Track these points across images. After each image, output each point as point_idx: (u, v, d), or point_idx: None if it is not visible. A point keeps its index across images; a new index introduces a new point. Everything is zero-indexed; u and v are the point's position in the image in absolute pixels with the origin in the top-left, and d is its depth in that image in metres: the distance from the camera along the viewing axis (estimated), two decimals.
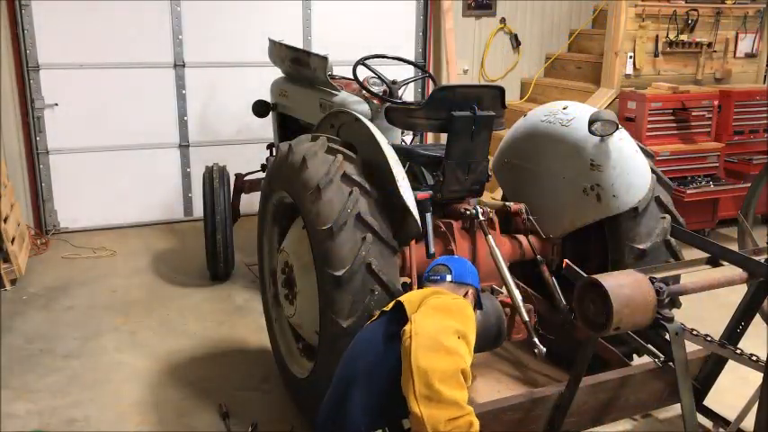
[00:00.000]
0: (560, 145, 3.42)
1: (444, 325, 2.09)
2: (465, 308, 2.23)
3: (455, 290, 2.47)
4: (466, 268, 2.57)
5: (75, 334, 4.26)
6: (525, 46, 7.51)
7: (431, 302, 2.20)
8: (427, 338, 2.02)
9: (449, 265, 2.55)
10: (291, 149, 3.11)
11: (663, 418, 3.43)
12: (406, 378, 1.99)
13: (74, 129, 5.98)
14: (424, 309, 2.17)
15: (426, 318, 2.10)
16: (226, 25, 6.26)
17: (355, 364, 2.24)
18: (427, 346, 2.00)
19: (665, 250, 3.35)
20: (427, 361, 1.97)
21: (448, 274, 2.50)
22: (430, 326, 2.07)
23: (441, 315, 2.14)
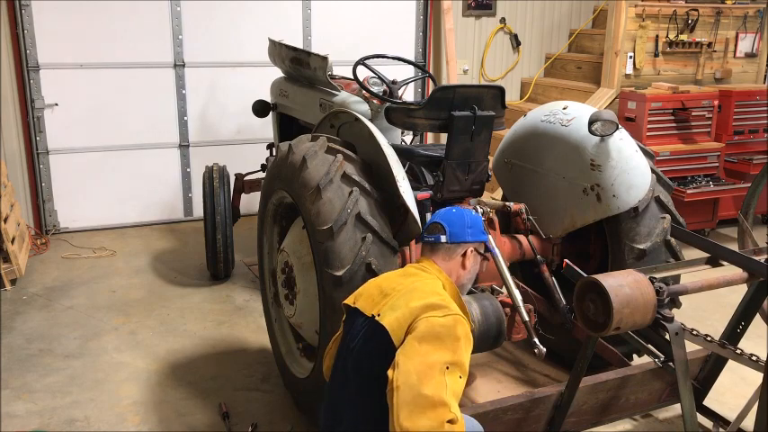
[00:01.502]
0: (560, 145, 3.42)
1: (430, 363, 1.96)
2: (455, 326, 2.05)
3: (451, 253, 2.37)
4: (463, 223, 2.41)
5: (75, 334, 4.26)
6: (525, 46, 7.51)
7: (418, 331, 2.02)
8: (409, 392, 1.91)
9: (443, 223, 2.40)
10: (291, 149, 3.11)
11: (663, 418, 3.43)
12: (392, 429, 1.94)
13: (74, 129, 5.99)
14: (408, 343, 2.01)
15: (410, 360, 1.97)
16: (226, 25, 6.26)
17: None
18: (409, 401, 1.91)
19: (665, 250, 3.35)
20: (409, 422, 1.89)
21: (442, 235, 2.38)
22: (413, 372, 1.94)
23: (426, 348, 1.99)
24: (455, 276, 2.38)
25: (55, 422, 3.35)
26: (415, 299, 2.12)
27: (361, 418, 2.12)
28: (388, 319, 2.10)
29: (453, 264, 2.38)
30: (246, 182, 5.31)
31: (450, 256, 2.38)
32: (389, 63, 4.56)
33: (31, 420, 3.36)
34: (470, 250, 2.40)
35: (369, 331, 2.16)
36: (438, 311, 2.06)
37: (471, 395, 3.54)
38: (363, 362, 2.15)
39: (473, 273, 2.45)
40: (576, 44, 7.56)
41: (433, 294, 2.15)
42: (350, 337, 2.23)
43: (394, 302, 2.15)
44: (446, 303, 2.11)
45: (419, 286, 2.21)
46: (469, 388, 3.61)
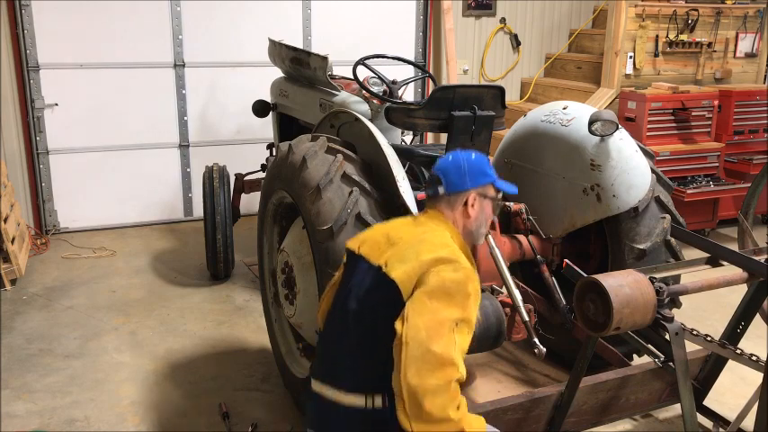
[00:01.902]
0: (560, 145, 3.42)
1: (440, 320, 1.94)
2: (467, 282, 2.01)
3: (452, 203, 2.27)
4: (460, 170, 2.28)
5: (75, 334, 4.26)
6: (525, 46, 7.51)
7: (428, 285, 1.98)
8: (418, 348, 1.89)
9: (440, 173, 2.29)
10: (291, 149, 3.11)
11: (663, 418, 3.43)
12: (396, 383, 1.93)
13: (74, 129, 5.99)
14: (418, 298, 1.97)
15: (420, 316, 1.94)
16: (226, 25, 6.26)
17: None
18: (418, 358, 1.89)
19: (665, 250, 3.35)
20: (417, 379, 1.87)
21: (439, 186, 2.27)
22: (422, 328, 1.91)
23: (437, 305, 1.96)
24: (461, 225, 2.29)
25: (55, 422, 3.35)
26: (425, 251, 2.06)
27: (362, 370, 2.07)
28: (397, 272, 2.05)
29: (456, 214, 2.29)
30: (246, 182, 5.31)
31: (453, 207, 2.28)
32: (389, 63, 4.56)
33: (31, 420, 3.36)
34: (472, 197, 2.28)
35: (374, 282, 2.11)
36: (449, 266, 2.02)
37: (471, 395, 3.54)
38: (366, 313, 2.10)
39: (482, 219, 2.33)
40: (576, 44, 7.56)
41: (444, 247, 2.09)
42: (352, 285, 2.17)
43: (403, 254, 2.09)
44: (456, 257, 2.06)
45: (428, 237, 2.15)
46: (470, 388, 3.61)
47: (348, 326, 2.13)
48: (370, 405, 2.02)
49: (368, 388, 2.03)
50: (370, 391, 2.03)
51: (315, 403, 2.18)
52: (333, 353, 2.19)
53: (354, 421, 2.05)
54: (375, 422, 2.02)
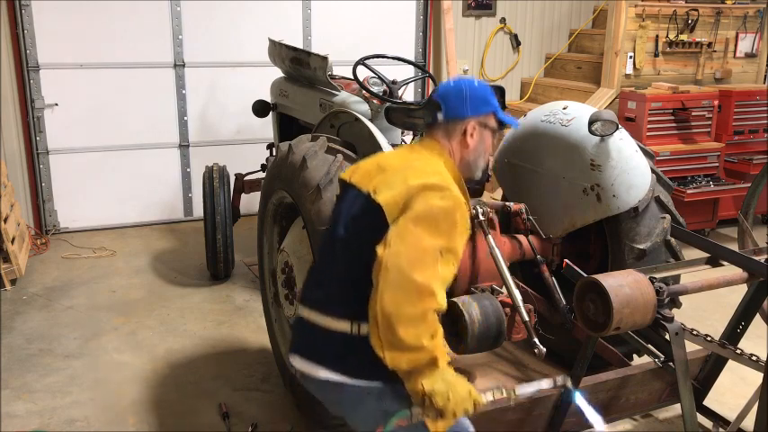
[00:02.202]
0: (560, 145, 3.42)
1: (423, 248, 1.86)
2: (454, 210, 1.94)
3: (450, 132, 2.18)
4: (461, 96, 2.19)
5: (75, 334, 4.26)
6: (525, 46, 7.51)
7: (414, 211, 1.90)
8: (398, 274, 1.82)
9: (440, 99, 2.20)
10: (291, 149, 3.11)
11: (663, 418, 3.43)
12: (372, 308, 1.86)
13: (74, 129, 5.99)
14: (403, 223, 1.90)
15: (402, 241, 1.86)
16: (226, 25, 6.26)
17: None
18: (396, 284, 1.82)
19: (665, 250, 3.35)
20: (393, 306, 1.81)
21: (438, 113, 2.18)
22: (404, 254, 1.84)
23: (421, 231, 1.88)
24: (458, 156, 2.21)
25: (55, 422, 3.35)
26: (413, 176, 2.00)
27: (349, 297, 2.02)
28: (383, 196, 1.99)
29: (454, 143, 2.21)
30: (246, 182, 5.31)
31: (450, 135, 2.20)
32: (389, 63, 4.55)
33: (31, 420, 3.36)
34: (472, 126, 2.19)
35: (362, 208, 2.07)
36: (437, 192, 1.94)
37: None
38: (353, 239, 2.07)
39: (481, 150, 2.25)
40: (576, 44, 7.56)
41: (434, 174, 2.02)
42: (341, 213, 2.15)
43: (391, 179, 2.03)
44: (446, 184, 1.99)
45: (419, 164, 2.09)
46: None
47: (336, 253, 2.11)
48: (356, 331, 1.99)
49: (354, 315, 1.99)
50: (356, 318, 1.99)
51: (301, 328, 2.16)
52: (321, 280, 2.15)
53: (339, 346, 2.02)
54: (359, 348, 1.96)
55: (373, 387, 2.00)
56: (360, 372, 2.00)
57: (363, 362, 1.96)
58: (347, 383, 2.00)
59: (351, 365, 2.00)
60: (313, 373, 2.05)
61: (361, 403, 2.02)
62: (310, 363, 2.06)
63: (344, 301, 2.03)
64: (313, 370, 2.05)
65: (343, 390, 2.02)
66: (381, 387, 2.00)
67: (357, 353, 1.98)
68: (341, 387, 2.02)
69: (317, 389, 2.10)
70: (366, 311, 1.91)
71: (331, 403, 2.14)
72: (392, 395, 2.00)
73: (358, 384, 2.00)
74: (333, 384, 2.02)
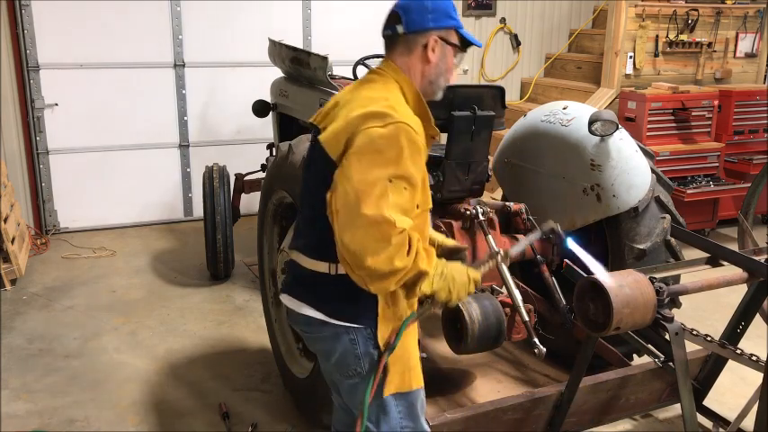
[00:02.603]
0: (560, 145, 3.42)
1: (370, 181, 1.82)
2: (398, 135, 1.86)
3: (410, 46, 2.06)
4: (423, 8, 2.04)
5: (75, 334, 4.26)
6: (525, 46, 7.51)
7: (356, 146, 1.86)
8: (348, 214, 1.82)
9: (400, 11, 2.06)
10: (291, 149, 3.11)
11: (663, 418, 3.43)
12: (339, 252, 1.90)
13: (74, 129, 5.99)
14: (347, 161, 1.87)
15: (347, 181, 1.84)
16: (226, 25, 6.26)
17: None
18: (350, 223, 1.82)
19: (665, 250, 3.35)
20: (354, 244, 1.82)
21: (398, 25, 2.05)
22: (351, 192, 1.82)
23: (366, 164, 1.84)
24: (418, 73, 2.08)
25: (55, 422, 3.35)
26: (355, 108, 1.94)
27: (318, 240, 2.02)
28: (324, 134, 1.96)
29: (413, 59, 2.07)
30: (246, 182, 5.31)
31: (410, 50, 2.07)
32: None
33: (31, 420, 3.36)
34: (434, 39, 2.05)
35: (313, 149, 2.07)
36: (378, 121, 1.87)
37: (471, 395, 3.54)
38: (311, 182, 2.06)
39: (442, 68, 2.11)
40: (575, 44, 7.56)
41: (375, 102, 1.94)
42: (306, 158, 2.18)
43: (337, 113, 1.99)
44: (388, 110, 1.90)
45: (366, 93, 2.01)
46: (470, 388, 3.61)
47: (303, 198, 2.16)
48: (334, 271, 2.02)
49: (329, 256, 2.00)
50: (331, 260, 2.00)
51: (290, 269, 2.21)
52: (300, 224, 2.20)
53: (321, 286, 2.07)
54: (339, 288, 2.02)
55: (350, 327, 2.04)
56: (339, 311, 2.04)
57: (342, 301, 2.03)
58: (327, 321, 2.05)
59: (331, 305, 2.05)
60: (297, 309, 2.11)
61: (338, 341, 2.06)
62: (296, 300, 2.12)
63: (318, 245, 2.04)
64: (298, 306, 2.11)
65: (323, 327, 2.07)
66: (358, 328, 2.04)
67: (337, 293, 2.03)
68: (321, 324, 2.07)
69: (300, 324, 2.15)
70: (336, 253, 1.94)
71: (311, 340, 2.19)
72: (366, 338, 2.05)
73: (336, 323, 2.04)
74: (314, 321, 2.07)
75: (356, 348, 2.05)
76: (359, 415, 2.04)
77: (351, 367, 2.07)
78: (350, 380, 2.10)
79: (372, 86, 2.06)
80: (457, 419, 2.76)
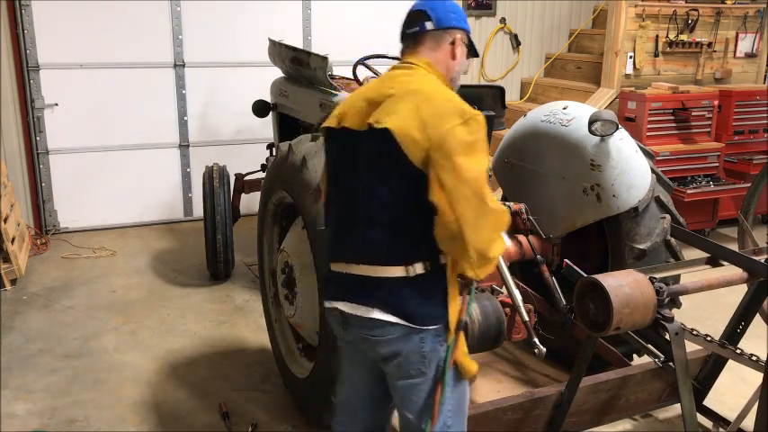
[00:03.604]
0: (560, 145, 3.42)
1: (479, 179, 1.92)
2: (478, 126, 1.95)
3: (438, 41, 2.13)
4: (446, 7, 2.16)
5: (75, 334, 4.26)
6: (525, 46, 7.51)
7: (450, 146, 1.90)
8: (475, 215, 1.91)
9: (426, 8, 2.15)
10: (291, 149, 3.11)
11: (663, 418, 3.43)
12: (458, 251, 1.94)
13: (74, 129, 5.99)
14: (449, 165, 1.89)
15: (462, 184, 1.90)
16: (226, 25, 6.26)
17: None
18: (478, 224, 1.91)
19: (665, 250, 3.35)
20: (483, 242, 1.92)
21: (427, 22, 2.13)
22: (471, 196, 1.90)
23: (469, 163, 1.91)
24: (445, 68, 2.16)
25: (55, 422, 3.35)
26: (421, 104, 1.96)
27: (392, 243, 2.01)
28: (389, 121, 1.94)
29: (442, 54, 2.15)
30: (246, 182, 5.31)
31: (438, 45, 2.14)
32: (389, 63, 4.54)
33: (31, 420, 3.36)
34: (459, 36, 2.16)
35: (371, 145, 2.00)
36: (457, 118, 1.94)
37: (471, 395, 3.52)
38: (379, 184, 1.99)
39: (463, 66, 2.22)
40: (576, 44, 7.56)
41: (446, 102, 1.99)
42: (344, 162, 2.09)
43: (392, 107, 1.98)
44: (458, 104, 1.98)
45: (418, 87, 2.02)
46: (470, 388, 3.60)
47: (358, 202, 2.05)
48: (412, 273, 2.00)
49: (407, 259, 1.99)
50: (409, 262, 1.99)
51: (343, 280, 2.11)
52: (355, 232, 2.08)
53: (395, 288, 2.01)
54: (418, 288, 2.01)
55: (422, 329, 2.02)
56: (414, 313, 2.01)
57: (417, 302, 2.01)
58: (398, 323, 2.01)
59: (405, 307, 2.01)
60: (366, 314, 2.04)
61: (408, 342, 2.03)
62: (361, 306, 2.05)
63: (393, 249, 2.01)
64: (366, 312, 2.04)
65: (393, 329, 2.02)
66: (429, 330, 2.03)
67: (411, 294, 2.01)
68: (390, 326, 2.02)
69: (365, 329, 2.07)
70: (415, 253, 1.98)
71: (375, 343, 2.07)
72: (435, 336, 2.04)
73: (407, 324, 2.01)
74: (384, 324, 2.02)
75: (423, 347, 2.04)
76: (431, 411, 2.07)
77: (414, 366, 2.05)
78: (408, 380, 2.08)
79: (417, 80, 2.06)
80: None
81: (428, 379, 2.07)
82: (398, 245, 2.00)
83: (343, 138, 2.09)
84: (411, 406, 2.11)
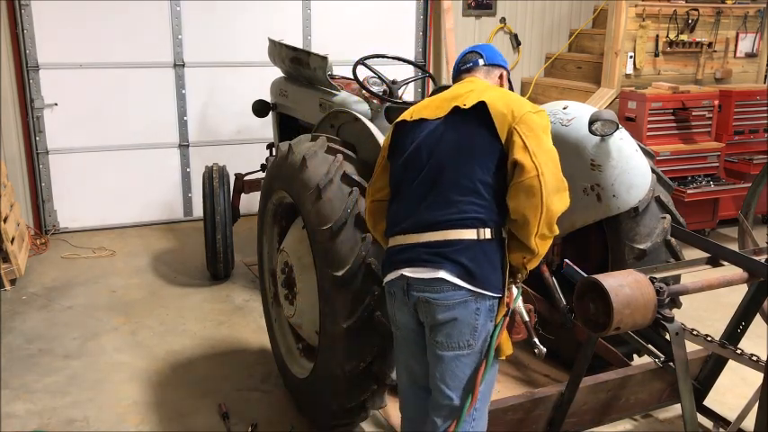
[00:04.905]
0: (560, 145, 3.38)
1: (552, 153, 2.21)
2: (546, 117, 2.30)
3: (489, 73, 2.55)
4: (494, 51, 2.62)
5: (74, 334, 4.26)
6: (525, 46, 7.51)
7: (530, 126, 2.20)
8: (553, 179, 2.15)
9: (478, 50, 2.59)
10: (291, 149, 3.11)
11: (663, 418, 3.42)
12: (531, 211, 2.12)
13: (74, 129, 5.99)
14: (532, 135, 2.18)
15: (544, 153, 2.17)
16: (226, 25, 6.26)
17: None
18: (555, 188, 2.14)
19: (666, 250, 3.35)
20: (557, 206, 2.14)
21: (480, 59, 2.55)
22: (549, 162, 2.16)
23: (546, 140, 2.21)
24: None
25: (55, 422, 3.35)
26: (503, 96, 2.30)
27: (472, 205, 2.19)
28: (482, 96, 2.27)
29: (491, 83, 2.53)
30: (246, 182, 5.31)
31: (488, 77, 2.54)
32: (389, 63, 4.55)
33: (31, 420, 3.36)
34: (504, 74, 2.59)
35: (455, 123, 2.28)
36: (531, 107, 2.28)
37: None
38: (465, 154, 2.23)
39: None
40: (576, 44, 7.56)
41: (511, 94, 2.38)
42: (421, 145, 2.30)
43: (477, 95, 2.29)
44: (526, 100, 2.32)
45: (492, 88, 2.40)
46: None
47: (436, 178, 2.24)
48: (483, 236, 2.19)
49: (478, 223, 2.19)
50: (483, 225, 2.19)
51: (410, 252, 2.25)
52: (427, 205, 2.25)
53: (463, 250, 2.17)
54: (485, 251, 2.20)
55: (481, 295, 2.19)
56: (477, 273, 2.17)
57: (483, 267, 2.18)
58: (461, 286, 2.16)
59: (470, 270, 2.16)
60: (430, 275, 2.18)
61: (464, 309, 2.18)
62: (426, 268, 2.19)
63: (469, 215, 2.19)
64: (431, 272, 2.18)
65: (455, 293, 2.17)
66: (485, 298, 2.20)
67: (478, 258, 2.18)
68: (453, 289, 2.17)
69: (427, 291, 2.20)
70: (491, 217, 2.19)
71: (434, 307, 2.20)
72: (488, 311, 2.22)
73: (471, 288, 2.17)
74: (447, 285, 2.17)
75: (477, 320, 2.19)
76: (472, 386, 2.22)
77: (464, 337, 2.20)
78: (456, 351, 2.21)
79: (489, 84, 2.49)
80: None
81: (474, 352, 2.21)
82: (475, 211, 2.19)
83: (419, 127, 2.34)
84: (452, 380, 2.22)
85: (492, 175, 2.20)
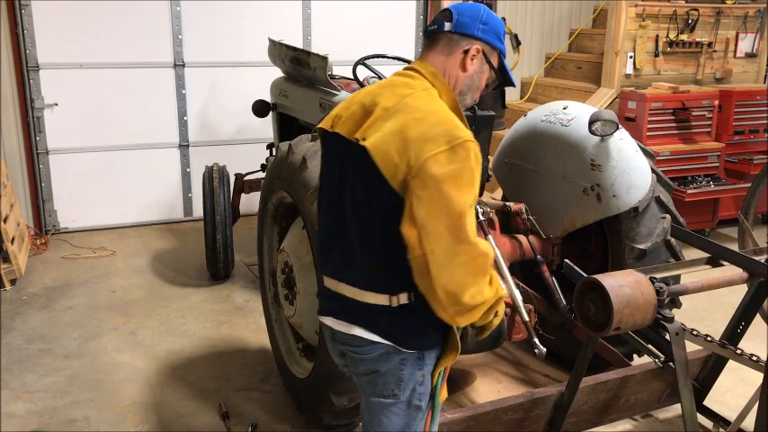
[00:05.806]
0: (560, 145, 3.42)
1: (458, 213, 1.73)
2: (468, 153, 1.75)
3: (451, 48, 1.95)
4: (477, 16, 1.96)
5: (74, 334, 4.26)
6: (525, 46, 7.51)
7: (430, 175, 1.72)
8: (446, 253, 1.73)
9: (454, 10, 1.97)
10: (291, 149, 3.11)
11: (663, 418, 3.42)
12: (428, 290, 1.78)
13: (74, 129, 5.99)
14: (425, 195, 1.73)
15: (436, 219, 1.72)
16: (226, 25, 6.26)
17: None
18: (449, 264, 1.74)
19: (666, 250, 3.35)
20: (453, 283, 1.75)
21: (447, 22, 1.95)
22: (444, 232, 1.72)
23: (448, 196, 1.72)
24: (452, 79, 1.97)
25: (55, 422, 3.35)
26: (408, 124, 1.78)
27: (376, 270, 1.89)
28: (370, 139, 1.80)
29: (451, 61, 1.96)
30: (246, 182, 5.31)
31: (451, 50, 1.96)
32: (389, 63, 4.55)
33: (31, 420, 3.35)
34: (476, 48, 1.95)
35: (356, 162, 1.84)
36: (443, 144, 1.74)
37: (471, 395, 3.54)
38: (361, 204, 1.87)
39: (475, 82, 2.01)
40: (576, 44, 7.56)
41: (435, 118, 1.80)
42: (336, 171, 1.95)
43: (381, 124, 1.82)
44: (448, 127, 1.78)
45: (413, 103, 1.84)
46: (470, 388, 3.61)
47: (346, 219, 1.92)
48: (396, 303, 1.88)
49: (391, 289, 1.87)
50: (393, 292, 1.87)
51: (331, 296, 2.03)
52: (340, 249, 1.97)
53: (379, 315, 1.91)
54: (402, 316, 1.89)
55: (403, 351, 1.92)
56: (397, 335, 1.91)
57: (401, 329, 1.90)
58: (380, 342, 1.92)
59: (389, 333, 1.92)
60: (347, 330, 1.95)
61: (388, 361, 1.93)
62: (345, 323, 1.97)
63: (374, 276, 1.90)
64: (348, 328, 1.95)
65: (374, 347, 1.93)
66: (410, 354, 1.93)
67: (397, 323, 1.90)
68: (371, 344, 1.93)
69: (347, 344, 1.99)
70: (399, 284, 1.85)
71: (356, 360, 2.00)
72: (415, 362, 1.94)
73: (388, 343, 1.92)
74: (365, 341, 1.93)
75: (402, 371, 1.95)
76: None
77: (389, 388, 1.97)
78: (380, 399, 2.00)
79: (416, 91, 1.89)
80: (457, 419, 2.76)
81: (401, 402, 1.98)
82: (382, 272, 1.88)
83: (335, 144, 1.95)
84: (378, 426, 2.03)
85: (398, 234, 1.78)
